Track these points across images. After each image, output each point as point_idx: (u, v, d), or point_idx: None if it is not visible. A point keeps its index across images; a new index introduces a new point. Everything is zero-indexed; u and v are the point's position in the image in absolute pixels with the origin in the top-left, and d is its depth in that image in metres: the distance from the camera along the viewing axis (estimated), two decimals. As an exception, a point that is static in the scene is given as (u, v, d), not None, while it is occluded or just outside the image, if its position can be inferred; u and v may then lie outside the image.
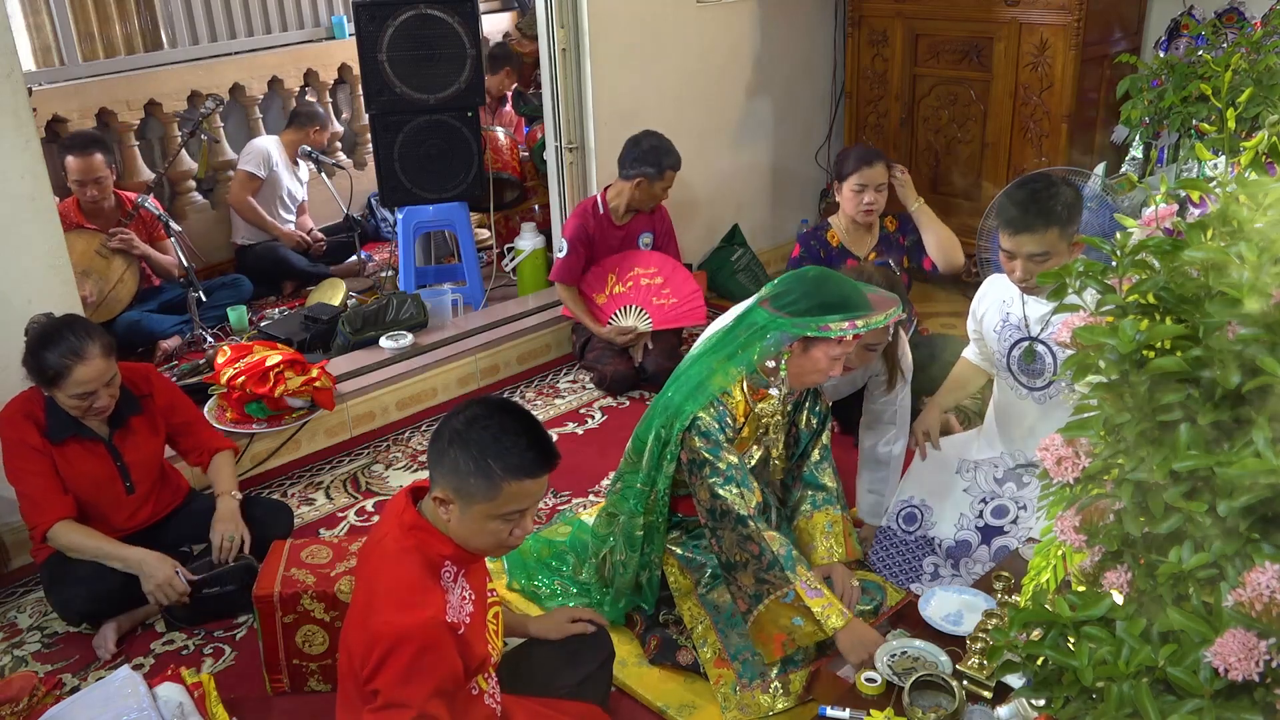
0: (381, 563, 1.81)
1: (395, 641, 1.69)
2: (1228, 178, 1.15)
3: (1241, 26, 4.01)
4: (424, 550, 1.80)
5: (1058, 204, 2.45)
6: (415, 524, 1.82)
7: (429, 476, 1.83)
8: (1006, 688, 1.96)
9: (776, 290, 2.36)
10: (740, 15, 4.67)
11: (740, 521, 2.27)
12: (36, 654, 2.70)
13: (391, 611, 1.72)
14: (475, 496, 1.74)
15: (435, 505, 1.79)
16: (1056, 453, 1.18)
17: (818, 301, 2.27)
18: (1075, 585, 1.22)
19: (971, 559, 2.67)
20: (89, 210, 4.20)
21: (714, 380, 2.36)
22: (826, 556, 2.52)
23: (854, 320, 2.24)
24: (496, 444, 1.73)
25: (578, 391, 4.05)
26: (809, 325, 2.25)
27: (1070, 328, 1.17)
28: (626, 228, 4.07)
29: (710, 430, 2.31)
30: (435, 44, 4.00)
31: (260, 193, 4.95)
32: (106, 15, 5.09)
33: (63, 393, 2.55)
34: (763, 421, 2.47)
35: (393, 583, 1.76)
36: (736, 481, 2.30)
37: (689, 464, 2.33)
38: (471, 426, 1.75)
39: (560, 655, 2.23)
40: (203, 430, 2.96)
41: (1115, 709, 1.04)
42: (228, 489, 2.84)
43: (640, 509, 2.44)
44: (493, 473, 1.72)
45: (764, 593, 2.27)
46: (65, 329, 2.54)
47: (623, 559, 2.51)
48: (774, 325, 2.30)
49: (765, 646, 2.32)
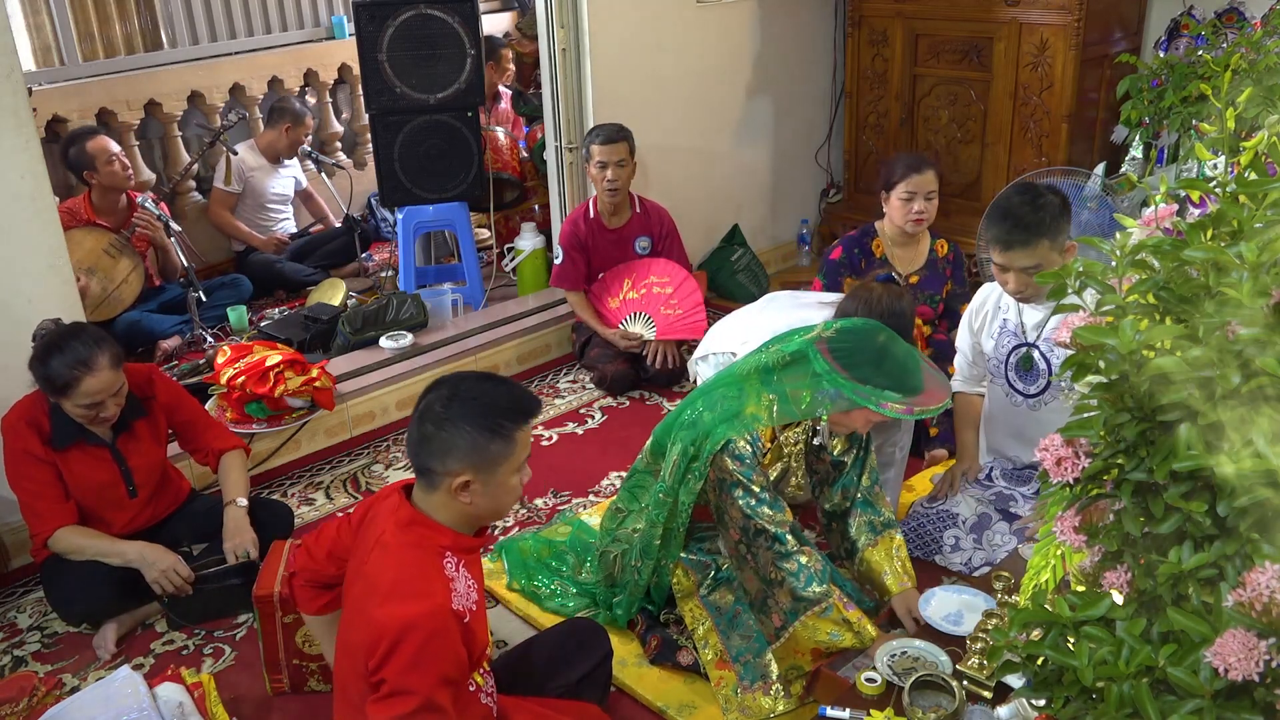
0: (383, 558, 1.81)
1: (402, 630, 1.69)
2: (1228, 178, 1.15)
3: (1241, 26, 4.01)
4: (424, 544, 1.82)
5: (1046, 215, 2.47)
6: (413, 519, 1.84)
7: (422, 473, 1.84)
8: (1006, 688, 1.96)
9: (837, 339, 2.26)
10: (740, 15, 4.67)
11: (776, 540, 2.26)
12: (36, 654, 2.70)
13: (397, 602, 1.73)
14: (498, 459, 1.80)
15: (451, 496, 1.80)
16: (1056, 453, 1.18)
17: (880, 371, 2.19)
18: (1075, 585, 1.22)
19: (992, 530, 2.69)
20: (100, 206, 4.20)
21: (748, 409, 2.32)
22: (897, 585, 2.43)
23: (910, 406, 2.18)
24: (491, 404, 1.80)
25: (578, 391, 4.05)
26: (871, 398, 2.17)
27: (1070, 328, 1.17)
28: (619, 231, 4.06)
29: (743, 454, 2.30)
30: (435, 44, 4.00)
31: (241, 203, 4.96)
32: (106, 15, 5.09)
33: (70, 402, 2.55)
34: (785, 450, 2.49)
35: (396, 575, 1.77)
36: (768, 503, 2.29)
37: (718, 483, 2.32)
38: (455, 403, 1.80)
39: (559, 654, 2.23)
40: (207, 429, 2.93)
41: (1115, 709, 1.04)
42: (234, 495, 2.80)
43: (661, 518, 2.43)
44: (504, 427, 1.79)
45: (801, 608, 2.26)
46: (73, 338, 2.53)
47: (637, 564, 2.51)
48: (832, 382, 2.21)
49: (797, 661, 2.32)
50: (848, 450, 2.51)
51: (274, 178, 5.03)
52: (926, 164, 3.31)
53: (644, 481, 2.56)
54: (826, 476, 2.54)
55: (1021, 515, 2.70)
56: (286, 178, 5.10)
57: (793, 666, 2.32)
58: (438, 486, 1.81)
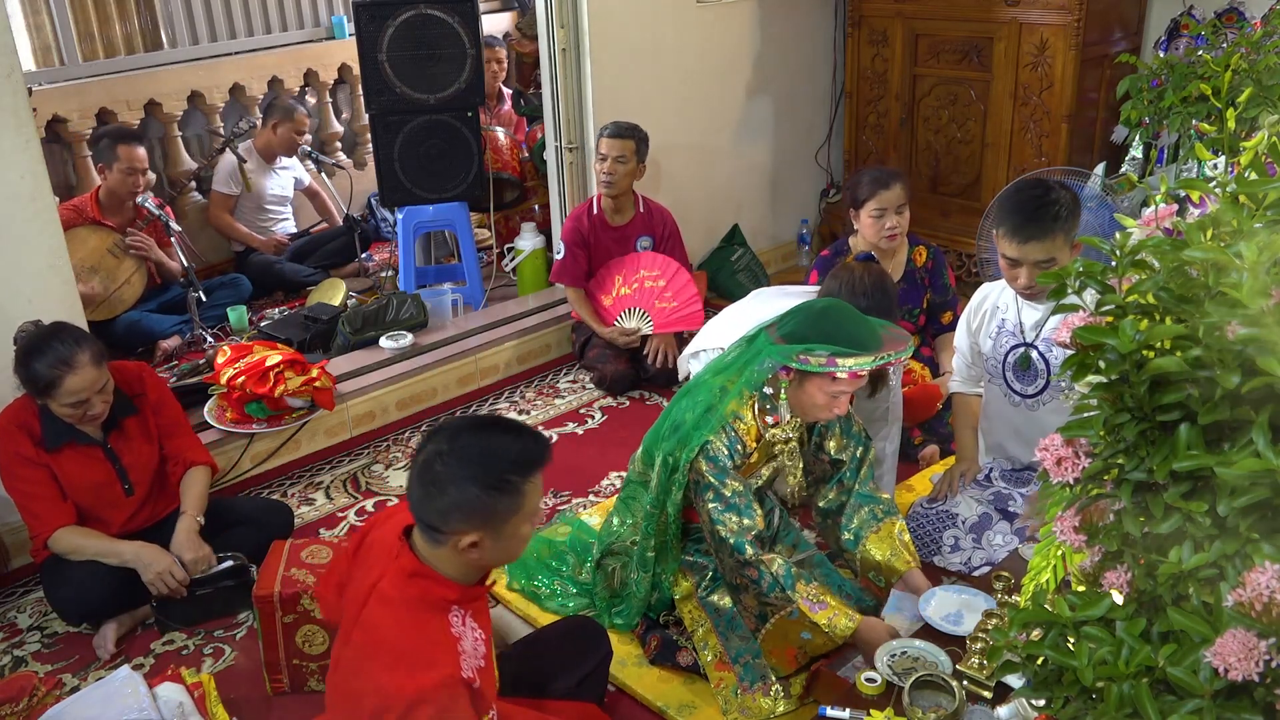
0: (384, 610, 1.72)
1: (411, 705, 1.61)
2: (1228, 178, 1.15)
3: (1241, 26, 4.01)
4: (428, 599, 1.72)
5: (1061, 209, 2.47)
6: (415, 571, 1.73)
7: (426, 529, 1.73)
8: (1006, 688, 1.96)
9: (784, 317, 2.31)
10: (740, 15, 4.67)
11: (735, 550, 2.26)
12: (36, 654, 2.70)
13: (405, 673, 1.64)
14: (506, 514, 1.69)
15: (457, 553, 1.70)
16: (1056, 453, 1.18)
17: (815, 333, 2.20)
18: (1075, 585, 1.22)
19: (993, 530, 2.69)
20: (107, 206, 4.20)
21: (725, 403, 2.33)
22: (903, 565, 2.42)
23: (836, 358, 2.14)
24: (494, 457, 1.68)
25: (578, 391, 4.05)
26: (789, 354, 2.18)
27: (1070, 328, 1.17)
28: (622, 229, 4.07)
29: (718, 456, 2.30)
30: (435, 44, 4.00)
31: (240, 205, 4.96)
32: (106, 15, 5.09)
33: (55, 402, 2.55)
34: (775, 448, 2.44)
35: (402, 637, 1.69)
36: (738, 509, 2.28)
37: (694, 484, 2.33)
38: (453, 460, 1.67)
39: (558, 655, 2.23)
40: (183, 438, 2.89)
41: (1115, 709, 1.04)
42: (190, 509, 2.77)
43: (652, 530, 2.43)
44: (510, 482, 1.68)
45: (768, 613, 2.27)
46: (53, 338, 2.52)
47: (636, 577, 2.51)
48: (767, 351, 2.25)
49: (780, 659, 2.32)
50: (844, 448, 2.51)
51: (270, 178, 5.02)
52: (893, 177, 3.25)
53: (636, 493, 2.55)
54: (824, 476, 2.54)
55: (1020, 514, 2.70)
56: (285, 178, 5.09)
57: (773, 669, 2.33)
58: (443, 544, 1.71)
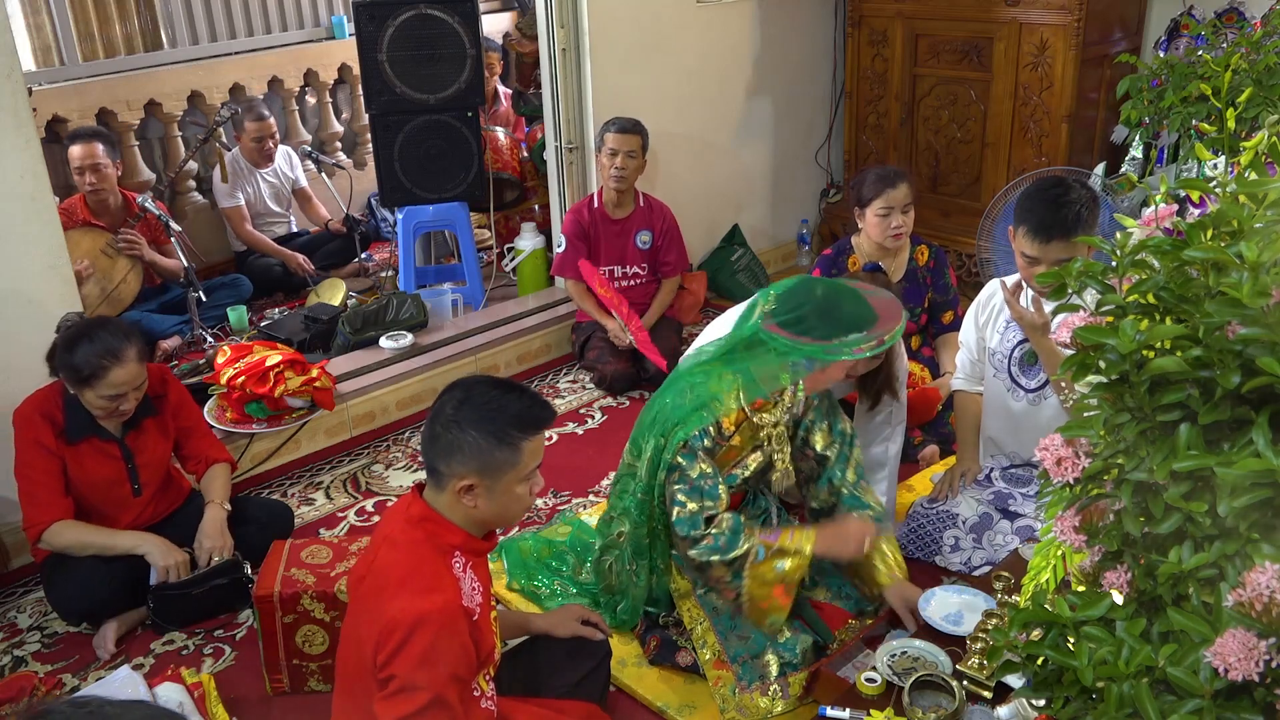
0: (392, 554, 1.82)
1: (413, 625, 1.70)
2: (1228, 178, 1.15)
3: (1241, 26, 4.01)
4: (434, 540, 1.83)
5: (1084, 209, 2.47)
6: (424, 516, 1.84)
7: (431, 473, 1.84)
8: (1006, 688, 1.96)
9: (784, 313, 2.26)
10: (740, 15, 4.67)
11: (684, 537, 2.28)
12: (36, 654, 2.70)
13: (408, 597, 1.73)
14: (503, 467, 1.79)
15: (456, 497, 1.81)
16: (1056, 453, 1.18)
17: (833, 320, 2.21)
18: (1075, 585, 1.22)
19: (993, 530, 2.69)
20: (95, 208, 4.19)
21: (711, 389, 2.33)
22: (888, 578, 2.42)
23: (877, 338, 2.20)
24: (501, 411, 1.79)
25: (578, 391, 4.05)
26: (842, 350, 2.19)
27: (1070, 328, 1.17)
28: (622, 223, 4.08)
29: (690, 438, 2.31)
30: (435, 44, 4.00)
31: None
32: (106, 15, 5.09)
33: (93, 393, 2.55)
34: (762, 433, 2.42)
35: (407, 570, 1.78)
36: (701, 491, 2.29)
37: (667, 468, 2.34)
38: (465, 407, 1.80)
39: (559, 655, 2.23)
40: (205, 438, 2.94)
41: (1115, 709, 1.04)
42: (218, 498, 2.82)
43: (644, 517, 2.43)
44: (510, 436, 1.78)
45: (739, 568, 2.26)
46: (102, 329, 2.55)
47: (633, 568, 2.51)
48: (798, 353, 2.22)
49: (771, 606, 2.29)
50: (830, 444, 2.51)
51: (258, 182, 5.00)
52: (899, 177, 3.24)
53: (627, 485, 2.56)
54: (812, 473, 2.53)
55: (1022, 514, 2.70)
56: (271, 181, 5.06)
57: (773, 621, 2.31)
58: (444, 487, 1.82)
